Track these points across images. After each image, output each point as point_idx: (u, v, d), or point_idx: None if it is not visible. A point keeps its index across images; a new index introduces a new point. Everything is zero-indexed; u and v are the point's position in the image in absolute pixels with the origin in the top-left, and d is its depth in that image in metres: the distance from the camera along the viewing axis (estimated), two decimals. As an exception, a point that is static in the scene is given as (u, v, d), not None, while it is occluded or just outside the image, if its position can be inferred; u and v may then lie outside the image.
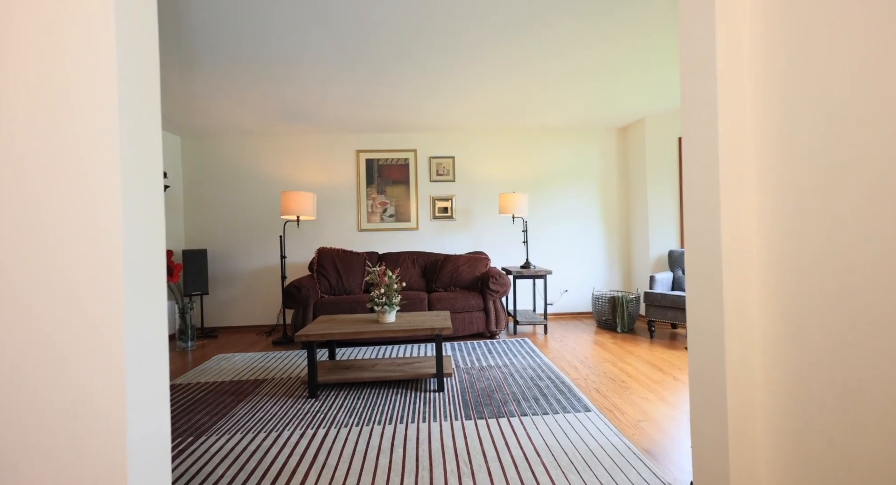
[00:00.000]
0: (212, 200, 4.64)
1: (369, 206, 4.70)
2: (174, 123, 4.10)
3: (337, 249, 4.21)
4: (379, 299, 2.67)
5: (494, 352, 3.42)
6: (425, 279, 4.28)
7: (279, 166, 4.67)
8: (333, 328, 2.60)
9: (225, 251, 4.65)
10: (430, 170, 4.73)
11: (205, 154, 4.61)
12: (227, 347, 3.93)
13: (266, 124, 4.21)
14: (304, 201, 3.92)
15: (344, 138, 4.69)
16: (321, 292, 3.93)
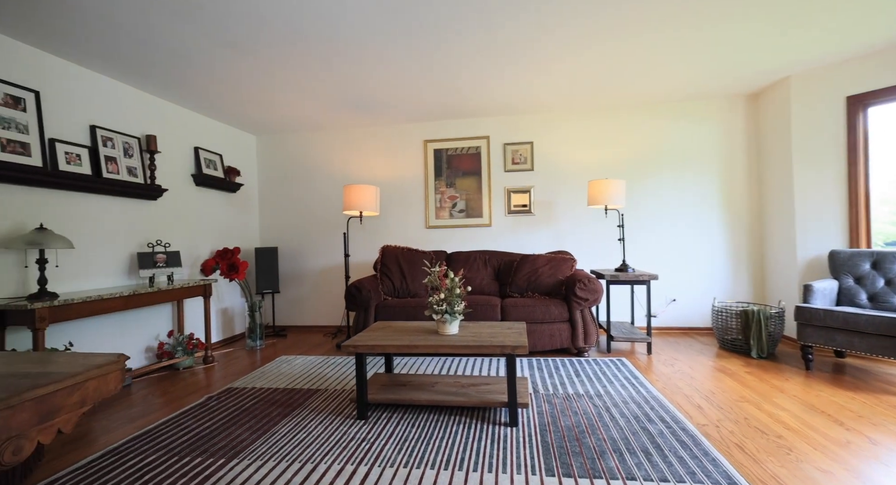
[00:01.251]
0: (282, 198, 4.63)
1: (437, 200, 4.30)
2: (249, 121, 4.12)
3: (402, 248, 3.87)
4: (438, 306, 2.22)
5: (583, 374, 2.76)
6: (498, 282, 3.74)
7: (345, 161, 4.49)
8: (385, 339, 2.20)
9: (294, 249, 4.60)
10: (505, 158, 4.18)
11: (276, 152, 4.62)
12: (292, 348, 3.80)
13: (331, 116, 4.03)
14: (367, 196, 3.63)
15: (410, 128, 4.35)
16: (384, 294, 3.61)
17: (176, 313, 3.46)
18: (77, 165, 2.69)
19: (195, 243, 3.72)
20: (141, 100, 3.23)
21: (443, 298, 2.21)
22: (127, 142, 3.07)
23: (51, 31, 2.37)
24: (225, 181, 3.99)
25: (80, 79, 2.78)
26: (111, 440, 2.05)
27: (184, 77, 3.02)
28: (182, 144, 3.61)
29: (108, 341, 2.88)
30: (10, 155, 2.33)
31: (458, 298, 2.24)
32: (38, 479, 1.71)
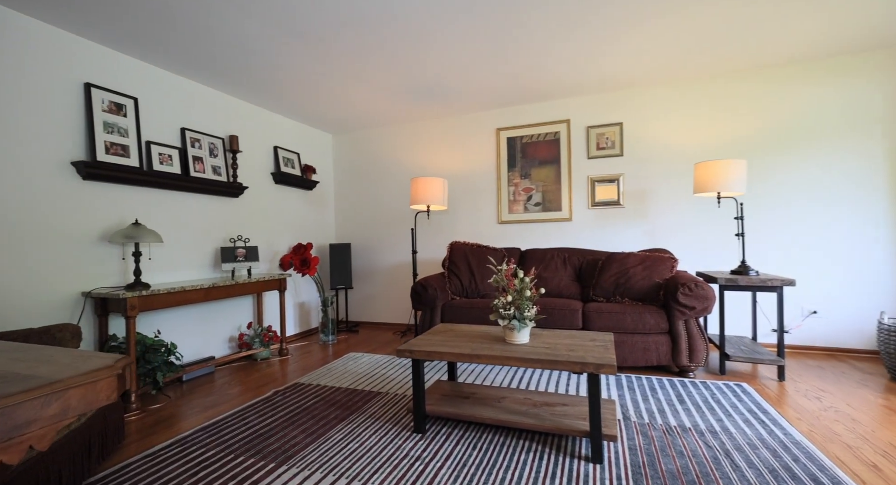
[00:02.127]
0: (355, 195, 4.66)
1: (511, 193, 3.96)
2: (325, 120, 4.19)
3: (471, 244, 3.61)
4: (505, 310, 1.91)
5: (689, 401, 2.23)
6: (580, 285, 3.29)
7: (414, 155, 4.36)
8: (445, 344, 1.96)
9: (367, 245, 4.60)
10: (588, 143, 3.69)
11: (350, 149, 4.66)
12: (362, 344, 3.77)
13: (401, 109, 3.92)
14: (434, 188, 3.44)
15: (481, 116, 4.07)
16: (451, 293, 3.38)
17: (256, 306, 3.62)
18: (169, 165, 2.89)
19: (274, 239, 3.87)
20: (225, 102, 3.41)
21: (510, 302, 1.90)
22: (212, 142, 3.25)
23: (149, 42, 2.55)
24: (302, 179, 4.11)
25: (172, 85, 2.99)
26: (183, 428, 2.11)
27: (260, 76, 3.10)
28: (262, 143, 3.77)
29: (196, 330, 3.07)
30: (112, 156, 2.55)
31: (529, 301, 1.90)
32: (115, 461, 1.79)
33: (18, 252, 2.17)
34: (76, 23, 2.33)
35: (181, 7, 2.21)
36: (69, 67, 2.40)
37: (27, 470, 1.32)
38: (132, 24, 2.35)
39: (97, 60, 2.54)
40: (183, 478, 1.63)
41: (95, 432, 1.67)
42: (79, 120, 2.44)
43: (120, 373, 0.83)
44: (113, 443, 1.81)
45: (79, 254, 2.42)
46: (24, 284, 2.18)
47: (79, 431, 1.58)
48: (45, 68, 2.30)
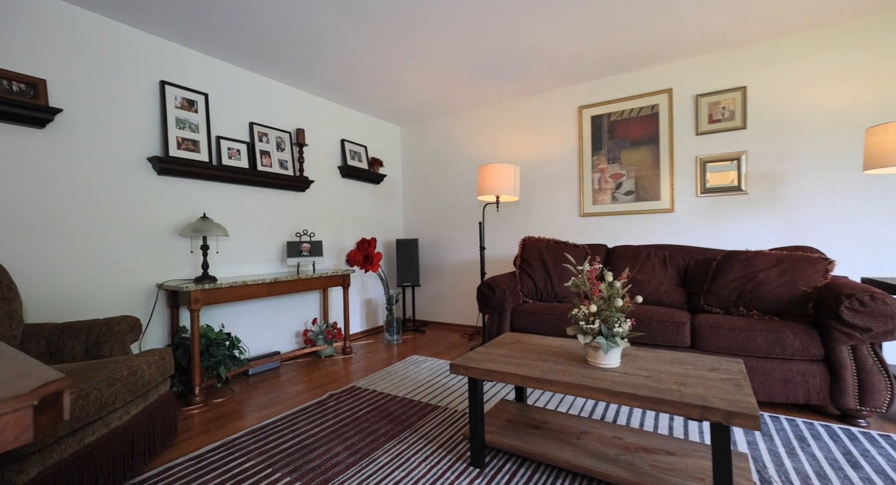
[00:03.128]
0: (424, 188, 4.44)
1: (596, 180, 3.40)
2: (393, 111, 4.03)
3: (547, 240, 3.15)
4: (587, 324, 1.47)
5: (867, 465, 1.56)
6: (685, 290, 2.66)
7: (483, 143, 3.99)
8: (509, 361, 1.58)
9: (434, 241, 4.36)
10: (697, 116, 2.99)
11: (419, 140, 4.45)
12: (426, 346, 3.53)
13: (469, 92, 3.58)
14: (504, 176, 3.04)
15: (560, 94, 3.56)
16: (523, 296, 2.97)
17: (322, 302, 3.57)
18: (237, 160, 2.91)
19: (341, 234, 3.80)
20: (292, 96, 3.39)
21: (594, 313, 1.46)
22: (279, 136, 3.24)
23: (218, 38, 2.55)
24: (369, 172, 4.00)
25: (241, 80, 3.01)
26: (235, 429, 2.02)
27: (326, 66, 2.99)
28: (329, 137, 3.71)
29: (263, 324, 3.08)
30: (184, 152, 2.61)
31: (621, 313, 1.44)
32: (162, 461, 1.73)
33: (102, 244, 2.28)
34: (153, 23, 2.39)
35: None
36: (147, 66, 2.48)
37: (59, 470, 1.26)
38: (204, 20, 2.34)
39: (171, 58, 2.60)
40: (215, 492, 1.49)
41: (141, 430, 1.62)
42: (154, 117, 2.52)
43: (37, 404, 0.62)
44: (163, 441, 1.76)
45: (155, 247, 2.50)
46: (107, 275, 2.29)
47: (121, 430, 1.51)
48: (127, 68, 2.39)
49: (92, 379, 1.41)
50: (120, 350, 1.77)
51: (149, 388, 1.69)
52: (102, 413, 1.42)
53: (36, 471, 1.20)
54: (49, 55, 2.10)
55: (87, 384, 1.38)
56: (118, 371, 1.51)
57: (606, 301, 1.46)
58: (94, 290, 2.24)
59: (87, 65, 2.24)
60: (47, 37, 2.10)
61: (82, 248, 2.20)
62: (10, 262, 1.96)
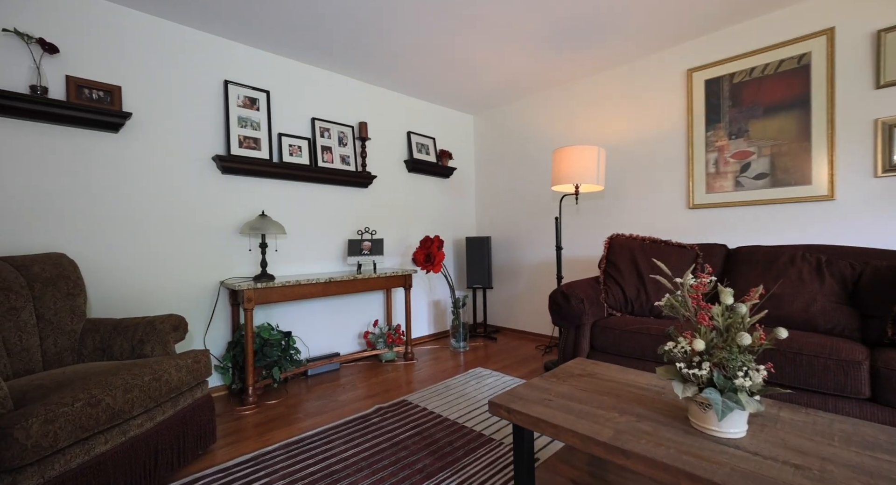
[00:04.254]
0: (498, 181, 4.04)
1: (711, 162, 2.65)
2: (463, 98, 3.71)
3: (641, 239, 2.53)
4: (689, 367, 0.96)
5: None
6: (856, 311, 1.85)
7: (563, 128, 3.44)
8: (570, 406, 1.14)
9: (509, 238, 3.94)
10: (880, 60, 2.09)
11: (493, 130, 4.06)
12: (495, 357, 3.15)
13: (546, 68, 3.09)
14: (584, 160, 2.51)
15: (660, 58, 2.86)
16: (608, 307, 2.41)
17: (386, 303, 3.41)
18: (298, 157, 2.87)
19: (407, 232, 3.61)
20: (355, 88, 3.27)
21: (701, 352, 0.95)
22: (342, 131, 3.14)
23: (280, 34, 2.51)
24: (437, 166, 3.74)
25: (302, 75, 2.96)
26: (274, 439, 1.91)
27: (389, 51, 2.79)
28: (394, 129, 3.54)
29: (323, 325, 3.02)
30: (245, 150, 2.62)
31: (750, 354, 0.91)
32: (193, 469, 1.66)
33: (170, 242, 2.36)
34: (217, 24, 2.41)
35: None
36: (211, 67, 2.53)
37: (62, 483, 1.19)
38: (265, 16, 2.29)
39: (234, 57, 2.63)
40: (221, 521, 1.33)
41: (168, 438, 1.55)
42: (219, 116, 2.56)
43: None
44: (196, 448, 1.69)
45: (220, 244, 2.55)
46: (175, 272, 2.37)
47: (142, 438, 1.45)
48: (192, 70, 2.45)
49: (108, 384, 1.34)
50: (161, 350, 1.74)
51: (179, 393, 1.62)
52: (117, 421, 1.35)
53: (34, 483, 1.14)
54: (124, 62, 2.22)
55: (100, 390, 1.31)
56: (140, 376, 1.44)
57: (723, 334, 0.94)
58: (163, 286, 2.33)
59: (157, 69, 2.33)
60: (123, 45, 2.21)
61: (152, 245, 2.30)
62: (84, 258, 2.10)
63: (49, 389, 1.31)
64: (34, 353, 1.62)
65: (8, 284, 1.63)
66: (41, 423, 1.14)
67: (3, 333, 1.56)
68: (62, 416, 1.18)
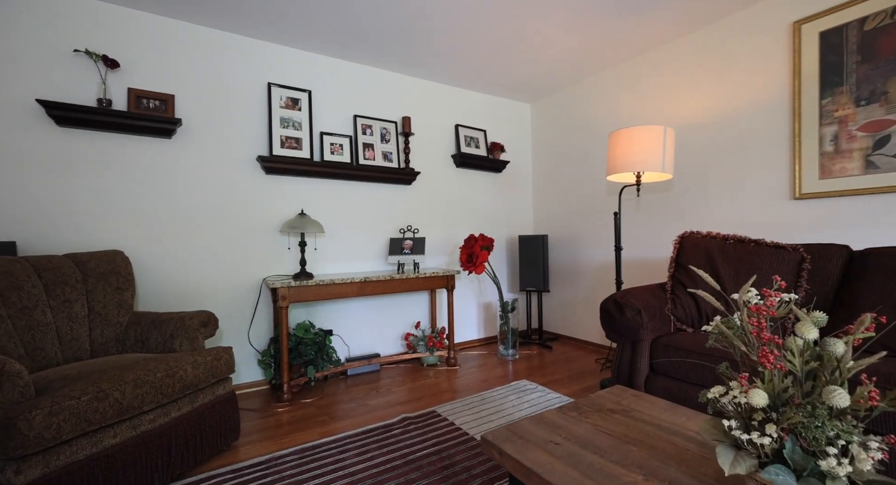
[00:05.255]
0: (557, 174, 3.67)
1: (828, 138, 2.05)
2: (518, 85, 3.42)
3: (722, 238, 2.04)
4: (744, 429, 0.64)
5: None
6: None
7: (628, 110, 2.97)
8: (578, 460, 0.87)
9: (568, 237, 3.55)
10: None
11: (551, 118, 3.70)
12: (545, 369, 2.84)
13: (605, 39, 2.68)
14: (646, 143, 2.09)
15: (751, 14, 2.29)
16: (676, 321, 1.98)
17: (430, 304, 3.28)
18: (339, 155, 2.85)
19: (453, 230, 3.44)
20: (398, 83, 3.17)
21: (764, 408, 0.62)
22: (384, 127, 3.07)
23: (321, 32, 2.51)
24: (488, 160, 3.50)
25: (344, 72, 2.94)
26: (291, 442, 1.87)
27: (431, 38, 2.65)
28: (440, 123, 3.38)
29: (363, 324, 2.97)
30: (287, 150, 2.66)
31: (849, 426, 0.57)
32: (211, 466, 1.68)
33: (217, 240, 2.48)
34: (260, 27, 2.47)
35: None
36: (255, 71, 2.61)
37: (68, 473, 1.24)
38: (307, 15, 2.30)
39: (276, 60, 2.68)
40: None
41: (184, 434, 1.57)
42: (262, 117, 2.63)
43: None
44: (216, 445, 1.70)
45: (263, 243, 2.62)
46: (221, 268, 2.49)
47: (155, 433, 1.47)
48: (237, 74, 2.55)
49: (118, 379, 1.38)
50: (188, 345, 1.79)
51: (196, 389, 1.64)
52: (127, 415, 1.38)
53: (39, 472, 1.18)
54: (176, 71, 2.37)
55: (110, 385, 1.35)
56: (153, 372, 1.47)
57: (802, 385, 0.61)
58: (209, 282, 2.46)
59: (205, 76, 2.45)
60: (175, 55, 2.36)
61: (199, 244, 2.43)
62: (139, 255, 2.27)
63: (72, 379, 1.38)
64: (83, 342, 1.77)
65: (65, 278, 1.79)
66: (45, 415, 1.18)
67: (57, 323, 1.72)
68: (67, 409, 1.22)
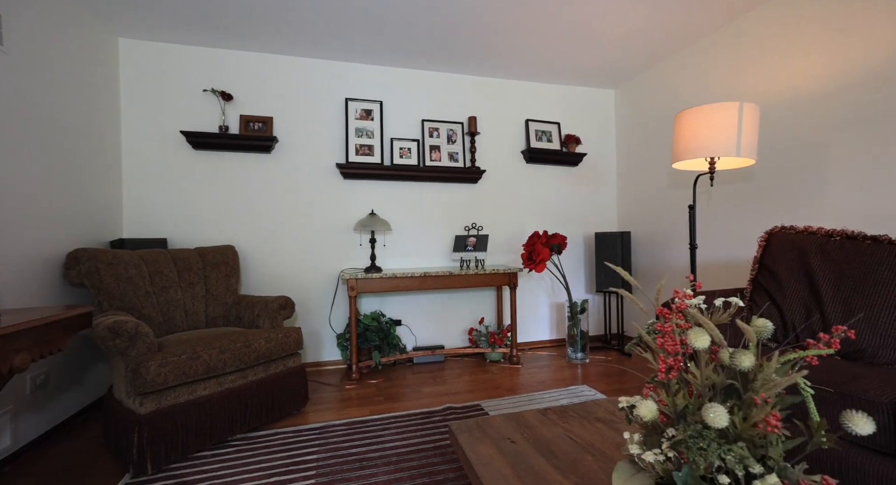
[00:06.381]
0: (643, 164, 3.33)
1: None
2: (596, 68, 3.21)
3: (826, 234, 1.65)
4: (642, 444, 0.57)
5: None
6: None
7: (724, 85, 2.53)
8: (514, 464, 0.86)
9: (655, 234, 3.20)
10: None
11: (637, 104, 3.36)
12: (615, 376, 2.64)
13: (705, 5, 2.36)
14: (719, 124, 1.79)
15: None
16: (754, 333, 1.66)
17: (497, 301, 3.29)
18: (407, 158, 3.07)
19: (522, 227, 3.38)
20: (464, 84, 3.26)
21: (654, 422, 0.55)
22: (451, 128, 3.19)
23: (394, 48, 2.77)
24: (561, 153, 3.36)
25: (413, 80, 3.14)
26: (345, 415, 2.12)
27: (501, 36, 2.70)
28: (510, 119, 3.36)
29: (430, 316, 3.14)
30: (361, 157, 2.98)
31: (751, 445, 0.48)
32: (281, 424, 2.01)
33: (306, 237, 2.91)
34: (339, 50, 2.82)
35: None
36: (335, 89, 2.98)
37: (172, 410, 1.65)
38: (381, 34, 2.58)
39: (352, 76, 3.01)
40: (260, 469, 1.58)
41: (258, 395, 1.92)
42: (340, 129, 2.99)
43: None
44: (284, 408, 2.04)
45: (341, 240, 2.98)
46: (308, 261, 2.91)
47: (235, 391, 1.85)
48: (321, 94, 2.95)
49: (209, 345, 1.77)
50: (269, 323, 2.18)
51: (269, 360, 1.99)
52: (213, 374, 1.76)
53: (153, 407, 1.60)
54: (273, 97, 2.85)
55: (202, 349, 1.74)
56: (234, 342, 1.85)
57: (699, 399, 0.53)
58: (298, 272, 2.90)
59: (295, 98, 2.89)
60: (273, 83, 2.85)
61: (291, 239, 2.89)
62: (245, 249, 2.80)
63: (182, 342, 1.81)
64: (200, 315, 2.28)
65: (191, 266, 2.34)
66: (157, 366, 1.59)
67: (184, 300, 2.26)
68: (171, 363, 1.63)
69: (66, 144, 2.10)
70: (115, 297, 1.96)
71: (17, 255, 1.77)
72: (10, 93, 1.76)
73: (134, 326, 1.65)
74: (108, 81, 2.49)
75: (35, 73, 1.90)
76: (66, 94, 2.11)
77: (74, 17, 2.20)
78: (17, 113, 1.80)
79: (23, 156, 1.82)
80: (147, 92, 2.64)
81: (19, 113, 1.81)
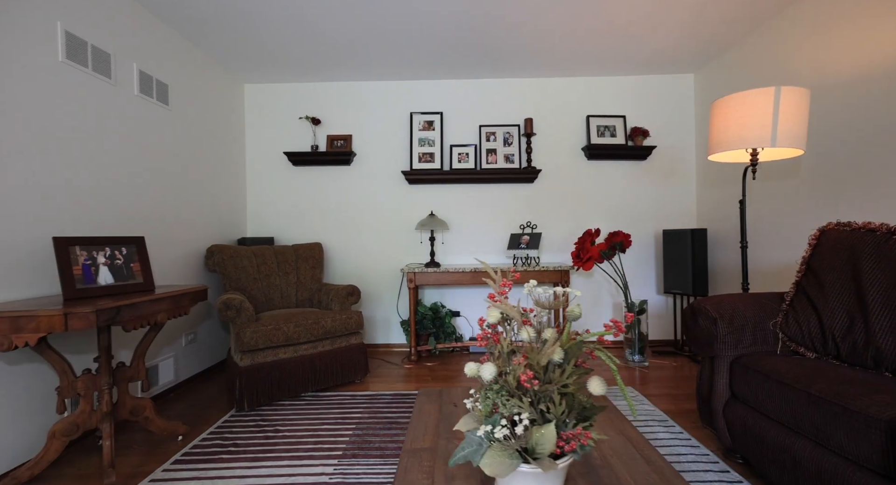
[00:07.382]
0: (720, 155, 3.01)
1: None
2: (669, 50, 2.99)
3: (887, 232, 1.42)
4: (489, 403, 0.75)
5: None
6: None
7: (817, 56, 2.19)
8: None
9: (728, 230, 2.89)
10: None
11: (720, 85, 3.06)
12: (673, 381, 2.52)
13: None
14: (755, 111, 1.64)
15: None
16: (786, 339, 1.52)
17: (554, 297, 3.34)
18: (465, 162, 3.32)
19: (583, 225, 3.35)
20: (521, 87, 3.36)
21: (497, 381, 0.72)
22: (507, 131, 3.34)
23: (455, 63, 3.07)
24: (626, 148, 3.24)
25: (471, 90, 3.37)
26: (394, 388, 2.49)
27: (560, 37, 2.82)
28: (568, 117, 3.35)
29: (484, 309, 3.35)
30: (423, 164, 3.33)
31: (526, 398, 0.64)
32: (342, 389, 2.47)
33: (377, 236, 3.38)
34: (406, 72, 3.22)
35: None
36: (401, 104, 3.38)
37: (261, 367, 2.20)
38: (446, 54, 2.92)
39: (416, 91, 3.37)
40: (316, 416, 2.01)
41: (324, 362, 2.40)
42: (405, 140, 3.38)
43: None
44: (345, 376, 2.49)
45: (406, 238, 3.38)
46: (379, 256, 3.38)
47: (307, 358, 2.34)
48: (390, 110, 3.38)
49: (289, 320, 2.30)
50: (338, 307, 2.66)
51: (334, 336, 2.45)
52: (290, 342, 2.28)
53: (249, 363, 2.17)
54: (352, 117, 3.38)
55: (283, 323, 2.27)
56: (306, 320, 2.35)
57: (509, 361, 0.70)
58: (371, 266, 3.38)
59: (369, 116, 3.38)
60: (352, 105, 3.38)
61: (365, 237, 3.38)
62: (330, 245, 3.37)
63: (273, 318, 2.38)
64: (292, 298, 2.89)
65: (287, 259, 2.96)
66: (251, 332, 2.15)
67: (280, 285, 2.88)
68: (260, 331, 2.18)
69: (209, 168, 2.88)
70: (234, 280, 2.64)
71: (177, 248, 2.53)
72: (174, 138, 2.53)
73: (239, 302, 2.24)
74: (237, 117, 3.28)
75: (187, 120, 2.67)
76: (208, 131, 2.88)
77: (215, 74, 2.97)
78: (178, 151, 2.56)
79: (183, 181, 2.59)
80: (263, 122, 3.39)
81: (179, 150, 2.57)
